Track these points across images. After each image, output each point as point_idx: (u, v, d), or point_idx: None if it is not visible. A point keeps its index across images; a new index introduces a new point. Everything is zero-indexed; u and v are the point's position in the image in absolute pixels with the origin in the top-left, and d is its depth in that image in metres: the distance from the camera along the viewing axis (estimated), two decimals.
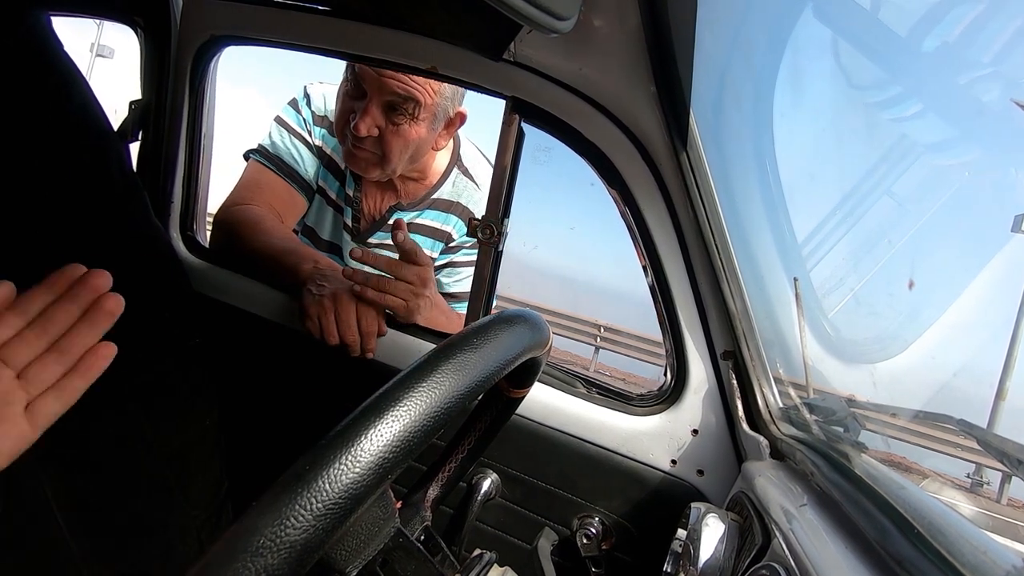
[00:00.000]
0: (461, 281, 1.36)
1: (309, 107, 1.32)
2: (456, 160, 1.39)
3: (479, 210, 1.38)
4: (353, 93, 1.17)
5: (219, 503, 1.04)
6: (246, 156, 1.34)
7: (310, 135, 1.32)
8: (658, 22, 0.78)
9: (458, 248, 1.39)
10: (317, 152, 1.33)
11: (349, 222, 1.35)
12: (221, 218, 1.25)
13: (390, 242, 1.23)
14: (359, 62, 1.13)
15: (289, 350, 1.13)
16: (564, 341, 9.75)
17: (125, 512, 0.89)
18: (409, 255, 1.00)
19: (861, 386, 0.85)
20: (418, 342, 1.08)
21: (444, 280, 1.40)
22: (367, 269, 1.02)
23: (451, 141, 1.35)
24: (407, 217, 1.33)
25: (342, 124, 1.20)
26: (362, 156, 1.20)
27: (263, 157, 1.30)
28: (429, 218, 1.35)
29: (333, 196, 1.35)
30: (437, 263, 1.38)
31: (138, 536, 0.91)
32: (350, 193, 1.34)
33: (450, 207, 1.38)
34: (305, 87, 1.35)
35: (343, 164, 1.32)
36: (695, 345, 0.95)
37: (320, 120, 1.32)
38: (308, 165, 1.32)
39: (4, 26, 0.80)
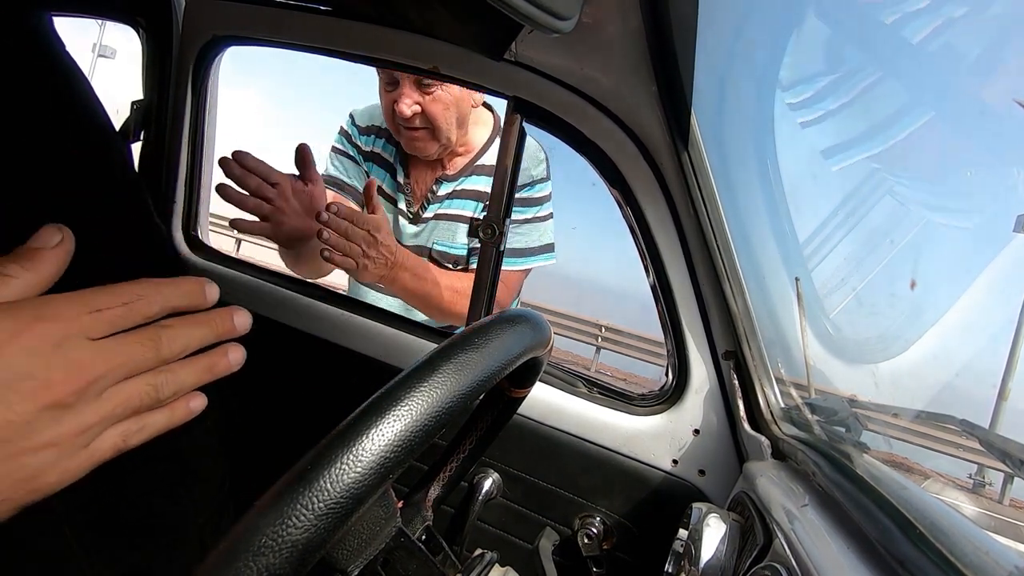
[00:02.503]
0: (514, 238, 1.40)
1: (354, 125, 1.43)
2: (497, 131, 1.46)
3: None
4: (388, 86, 1.26)
5: (221, 502, 1.04)
6: None
7: (355, 147, 1.42)
8: (659, 21, 0.78)
9: None
10: (364, 156, 1.42)
11: (404, 207, 1.43)
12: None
13: (444, 211, 1.37)
14: (361, 62, 1.13)
15: (291, 350, 1.13)
16: (565, 341, 9.75)
17: (128, 512, 0.89)
18: (354, 220, 1.05)
19: (863, 386, 0.85)
20: (419, 342, 1.08)
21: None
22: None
23: (491, 117, 1.44)
24: (452, 184, 1.40)
25: (390, 116, 1.28)
26: (416, 136, 1.28)
27: (328, 185, 1.38)
28: (472, 183, 1.42)
29: (387, 189, 1.43)
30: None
31: (140, 536, 0.91)
32: (400, 181, 1.41)
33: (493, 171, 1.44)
34: (350, 112, 1.46)
35: (390, 157, 1.41)
36: (696, 345, 0.95)
37: (366, 130, 1.43)
38: (360, 177, 1.43)
39: (5, 26, 0.80)
